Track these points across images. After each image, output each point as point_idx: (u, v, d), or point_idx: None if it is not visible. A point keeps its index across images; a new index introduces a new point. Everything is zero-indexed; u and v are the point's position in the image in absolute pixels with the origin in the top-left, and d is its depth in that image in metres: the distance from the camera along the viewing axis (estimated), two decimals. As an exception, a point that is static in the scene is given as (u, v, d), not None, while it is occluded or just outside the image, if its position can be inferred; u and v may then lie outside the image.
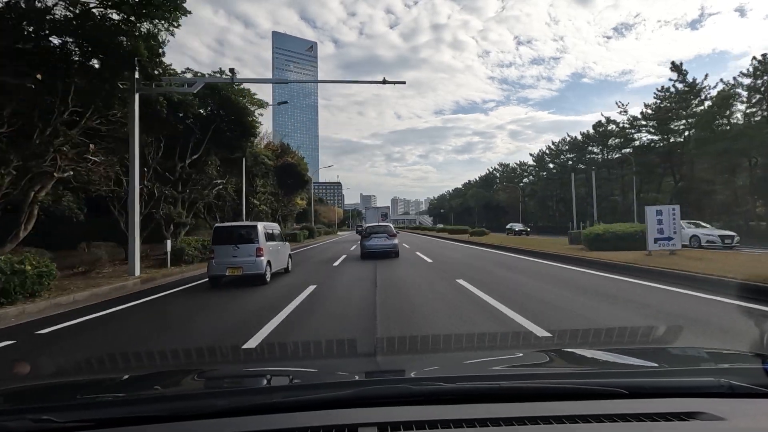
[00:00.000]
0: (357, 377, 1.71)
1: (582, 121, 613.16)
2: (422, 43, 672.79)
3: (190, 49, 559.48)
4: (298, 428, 1.13)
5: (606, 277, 9.94)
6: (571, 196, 48.28)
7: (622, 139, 50.60)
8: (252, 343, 5.01)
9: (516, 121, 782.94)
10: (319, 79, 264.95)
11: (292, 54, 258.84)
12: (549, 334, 4.95)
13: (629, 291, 7.87)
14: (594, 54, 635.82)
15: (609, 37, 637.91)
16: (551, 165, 68.99)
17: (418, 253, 19.16)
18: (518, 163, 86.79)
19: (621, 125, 49.57)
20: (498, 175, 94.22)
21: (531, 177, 78.96)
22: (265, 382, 1.76)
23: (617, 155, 53.02)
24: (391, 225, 19.75)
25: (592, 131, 56.59)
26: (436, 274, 11.56)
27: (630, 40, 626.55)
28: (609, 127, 52.38)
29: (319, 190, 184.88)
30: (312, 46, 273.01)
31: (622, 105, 47.90)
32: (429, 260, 15.67)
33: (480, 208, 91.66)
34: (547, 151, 70.53)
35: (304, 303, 7.63)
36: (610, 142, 53.92)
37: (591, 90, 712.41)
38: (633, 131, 47.97)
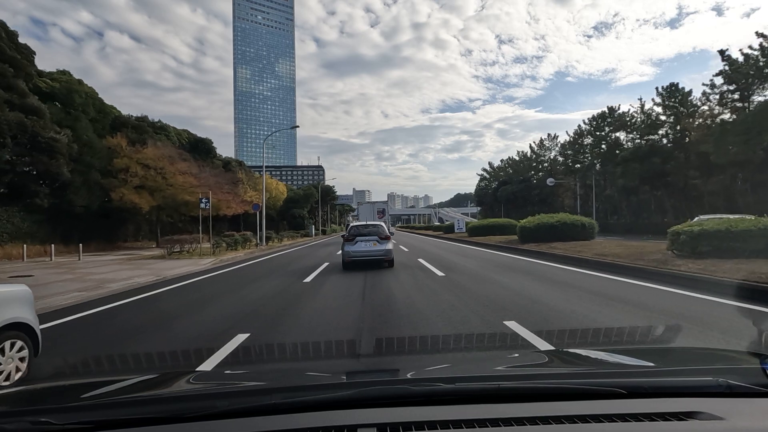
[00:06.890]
0: (356, 378, 1.74)
1: (570, 119, 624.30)
2: (404, 42, 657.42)
3: (169, 47, 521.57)
4: (297, 429, 1.15)
5: None
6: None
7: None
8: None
9: (503, 120, 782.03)
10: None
11: (261, 1, 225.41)
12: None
13: None
14: (576, 53, 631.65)
15: (590, 36, 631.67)
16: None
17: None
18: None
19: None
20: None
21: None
22: (264, 383, 1.77)
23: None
24: (383, 224, 14.88)
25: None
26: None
27: (611, 39, 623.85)
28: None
29: (294, 175, 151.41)
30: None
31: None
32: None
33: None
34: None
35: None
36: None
37: (576, 89, 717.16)
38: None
